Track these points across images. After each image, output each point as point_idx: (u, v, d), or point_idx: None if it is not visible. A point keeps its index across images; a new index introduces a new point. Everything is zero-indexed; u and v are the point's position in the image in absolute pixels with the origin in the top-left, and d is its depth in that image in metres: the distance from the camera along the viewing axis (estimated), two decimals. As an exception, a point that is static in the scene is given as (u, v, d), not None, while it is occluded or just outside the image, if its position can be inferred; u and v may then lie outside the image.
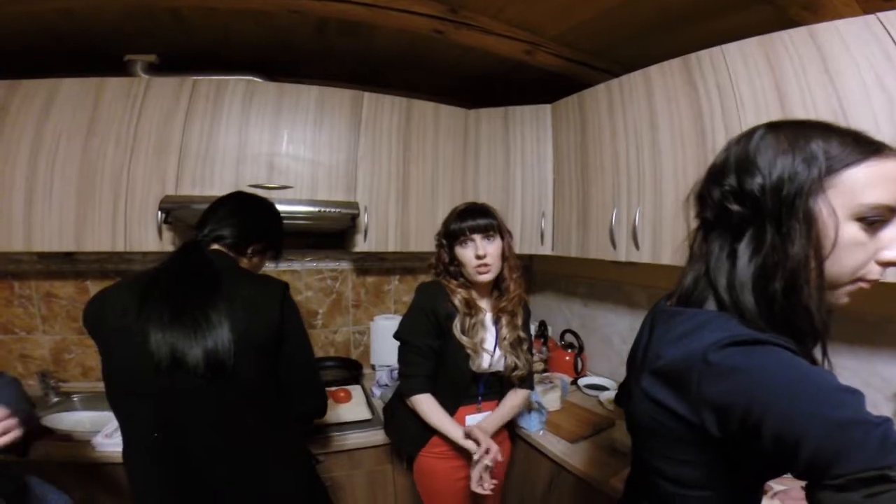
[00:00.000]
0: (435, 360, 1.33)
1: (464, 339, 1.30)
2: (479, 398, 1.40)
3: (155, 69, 1.81)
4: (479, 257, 1.29)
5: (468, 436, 1.27)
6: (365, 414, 1.73)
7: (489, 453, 1.22)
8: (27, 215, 1.60)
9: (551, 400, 1.79)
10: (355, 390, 1.95)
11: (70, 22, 1.62)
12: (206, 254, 1.10)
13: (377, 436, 1.61)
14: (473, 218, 1.31)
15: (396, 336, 1.38)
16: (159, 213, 1.62)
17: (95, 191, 1.63)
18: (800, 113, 1.09)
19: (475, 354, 1.31)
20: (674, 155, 1.41)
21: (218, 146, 1.71)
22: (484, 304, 1.39)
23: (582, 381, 2.04)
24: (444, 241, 1.38)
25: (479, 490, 1.19)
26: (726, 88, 1.25)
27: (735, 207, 0.60)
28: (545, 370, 2.14)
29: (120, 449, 1.19)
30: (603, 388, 1.97)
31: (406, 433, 1.40)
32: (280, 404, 1.09)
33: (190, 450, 1.00)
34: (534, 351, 2.06)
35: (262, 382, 1.04)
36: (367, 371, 2.21)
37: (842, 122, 0.98)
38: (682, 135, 1.38)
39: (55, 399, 1.85)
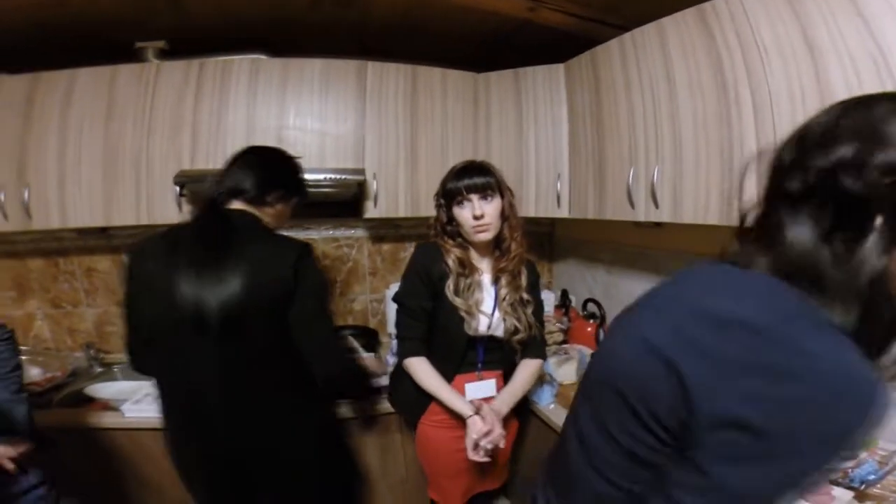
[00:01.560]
0: (429, 321, 1.30)
1: (457, 301, 1.26)
2: (479, 365, 1.36)
3: (165, 55, 1.85)
4: (476, 217, 1.24)
5: (478, 411, 1.22)
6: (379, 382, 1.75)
7: (489, 436, 1.18)
8: (61, 196, 1.71)
9: (566, 372, 1.74)
10: (371, 359, 1.97)
11: (74, 14, 1.66)
12: (222, 211, 1.12)
13: (387, 404, 1.63)
14: (470, 177, 1.25)
15: (394, 298, 1.37)
16: (176, 187, 1.68)
17: (118, 170, 1.73)
18: (833, 61, 0.98)
19: (469, 317, 1.27)
20: (693, 108, 1.30)
21: (228, 122, 1.76)
22: (483, 264, 1.34)
23: (604, 350, 1.96)
24: (441, 201, 1.33)
25: (475, 458, 1.18)
26: (747, 37, 1.14)
27: (853, 184, 0.47)
28: (565, 341, 2.08)
29: (147, 415, 1.45)
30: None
31: (406, 399, 1.39)
32: (295, 367, 1.10)
33: (208, 405, 1.06)
34: (549, 318, 2.01)
35: (273, 343, 1.07)
36: (384, 339, 2.23)
37: (883, 71, 0.91)
38: (700, 87, 1.27)
39: (99, 370, 1.99)
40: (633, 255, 2.01)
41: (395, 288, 2.11)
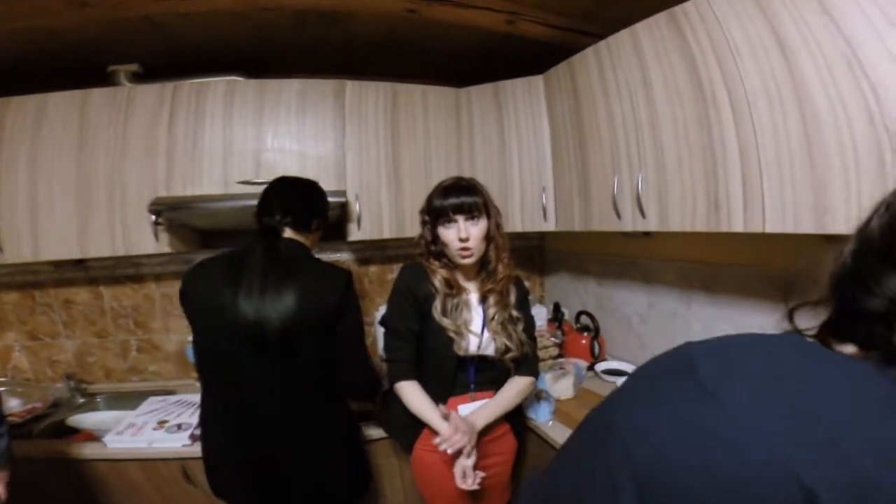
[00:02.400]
0: (417, 343, 1.27)
1: (445, 321, 1.22)
2: (472, 386, 1.31)
3: (139, 77, 1.83)
4: (461, 240, 1.21)
5: (446, 419, 1.18)
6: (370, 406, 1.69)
7: (453, 444, 1.11)
8: (33, 226, 1.66)
9: (563, 388, 1.69)
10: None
11: (54, 38, 1.65)
12: (282, 240, 1.26)
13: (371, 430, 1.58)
14: (458, 195, 1.23)
15: (381, 322, 1.33)
16: (151, 215, 1.63)
17: (92, 198, 1.68)
18: (806, 60, 0.96)
19: (458, 337, 1.23)
20: (672, 111, 1.28)
21: (204, 146, 1.72)
22: (469, 284, 1.31)
23: (599, 367, 1.91)
24: (426, 219, 1.30)
25: (463, 486, 1.11)
26: (718, 38, 1.13)
27: None
28: (560, 355, 2.03)
29: (130, 445, 1.48)
30: (623, 374, 1.85)
31: (399, 424, 1.34)
32: (331, 378, 1.26)
33: (257, 414, 1.19)
34: (543, 332, 1.96)
35: (321, 360, 1.22)
36: (375, 361, 2.16)
37: (856, 67, 0.88)
38: (677, 90, 1.25)
39: (81, 400, 1.93)
40: (624, 265, 1.98)
41: (384, 310, 2.09)
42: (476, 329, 1.26)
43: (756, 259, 1.46)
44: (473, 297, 1.30)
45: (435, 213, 1.25)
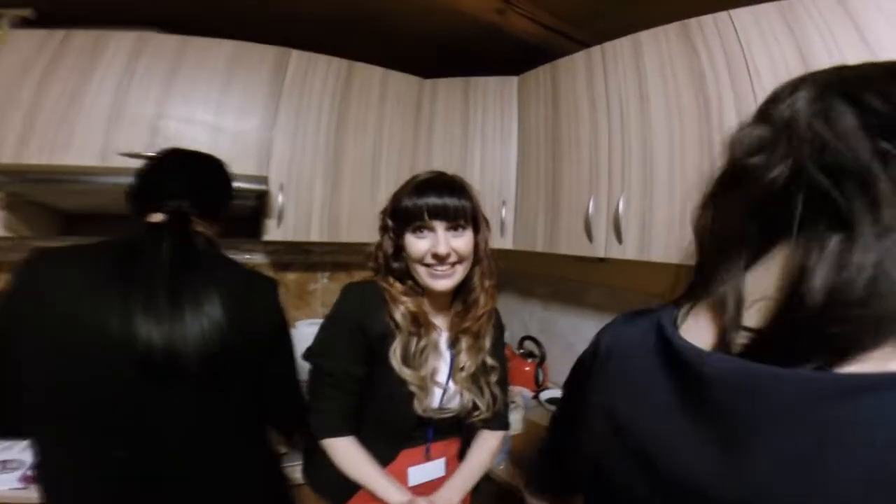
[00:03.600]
0: (357, 393, 0.94)
1: (405, 373, 0.91)
2: (428, 443, 1.02)
3: (30, 25, 1.37)
4: (437, 257, 0.90)
5: None
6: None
7: None
8: None
9: (513, 422, 1.50)
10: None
11: None
12: (190, 230, 0.90)
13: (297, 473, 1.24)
14: (439, 195, 0.90)
15: (306, 356, 0.98)
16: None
17: None
18: None
19: (421, 392, 0.93)
20: (669, 130, 1.17)
21: (83, 106, 1.30)
22: (439, 319, 1.01)
23: (543, 395, 1.78)
24: (389, 223, 0.97)
25: None
26: (736, 56, 1.04)
27: None
28: (501, 383, 1.86)
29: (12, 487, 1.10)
30: (568, 404, 1.71)
31: (328, 482, 1.02)
32: (259, 422, 0.97)
33: (151, 470, 0.82)
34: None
35: (247, 396, 0.91)
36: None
37: None
38: (679, 106, 1.15)
39: None
40: (573, 290, 1.88)
41: (303, 327, 1.74)
42: (441, 379, 0.98)
43: None
44: (443, 337, 1.00)
45: (403, 217, 0.92)
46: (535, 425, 1.56)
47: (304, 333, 1.71)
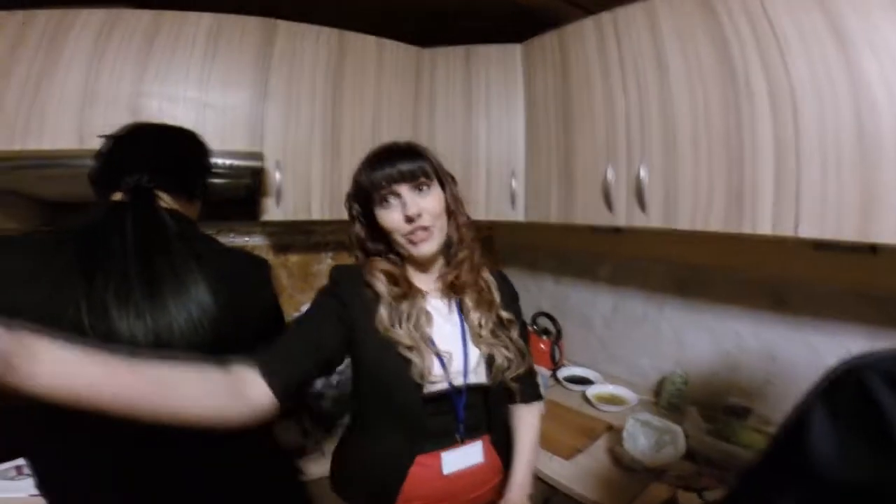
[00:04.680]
0: (313, 357, 0.83)
1: (395, 333, 0.85)
2: (461, 428, 0.92)
3: None
4: (409, 219, 0.85)
5: None
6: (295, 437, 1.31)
7: None
8: None
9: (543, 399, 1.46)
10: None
11: None
12: (161, 209, 0.81)
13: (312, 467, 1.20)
14: (393, 162, 0.86)
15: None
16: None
17: None
18: (867, 55, 0.85)
19: (417, 356, 0.85)
20: (690, 92, 1.10)
21: (51, 89, 1.20)
22: (426, 283, 0.95)
23: (561, 374, 1.73)
24: (355, 206, 0.93)
25: None
26: (761, 24, 0.99)
27: None
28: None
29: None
30: (587, 382, 1.67)
31: (348, 479, 0.96)
32: None
33: (160, 470, 0.75)
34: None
35: None
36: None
37: None
38: (701, 74, 1.08)
39: None
40: (586, 263, 1.82)
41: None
42: (454, 347, 0.91)
43: (739, 262, 1.38)
44: (436, 302, 0.94)
45: (366, 193, 0.88)
46: (558, 406, 1.52)
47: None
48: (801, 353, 1.24)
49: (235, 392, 0.67)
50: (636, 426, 1.24)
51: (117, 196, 0.79)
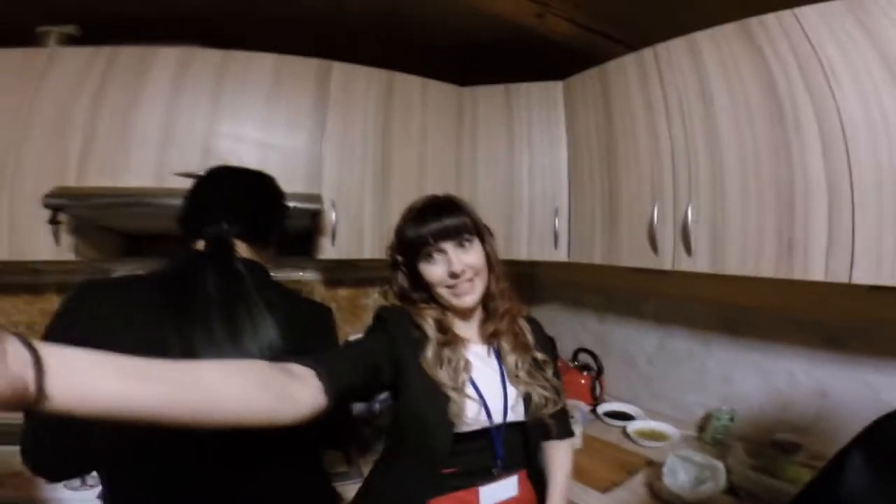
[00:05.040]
0: (362, 367, 0.85)
1: (440, 374, 0.89)
2: (498, 462, 0.96)
3: (75, 42, 1.42)
4: (454, 275, 0.90)
5: None
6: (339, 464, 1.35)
7: None
8: None
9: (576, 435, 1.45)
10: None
11: None
12: (238, 259, 0.88)
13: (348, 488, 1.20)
14: (438, 217, 0.91)
15: None
16: (48, 211, 1.20)
17: None
18: None
19: (457, 396, 0.89)
20: (738, 133, 1.10)
21: (136, 126, 1.33)
22: (468, 332, 0.99)
23: (601, 409, 1.71)
24: (399, 259, 0.97)
25: None
26: (807, 56, 0.99)
27: None
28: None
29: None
30: (628, 417, 1.65)
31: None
32: (310, 440, 0.95)
33: (219, 491, 0.81)
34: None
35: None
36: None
37: None
38: (748, 109, 1.08)
39: None
40: (631, 301, 1.81)
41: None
42: (493, 387, 0.95)
43: (787, 303, 1.35)
44: (477, 348, 0.99)
45: (411, 248, 0.93)
46: (595, 440, 1.50)
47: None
48: (856, 390, 1.19)
49: (289, 388, 0.67)
50: (676, 461, 1.22)
51: (200, 244, 0.86)
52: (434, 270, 0.92)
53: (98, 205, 1.24)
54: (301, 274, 1.82)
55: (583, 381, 1.78)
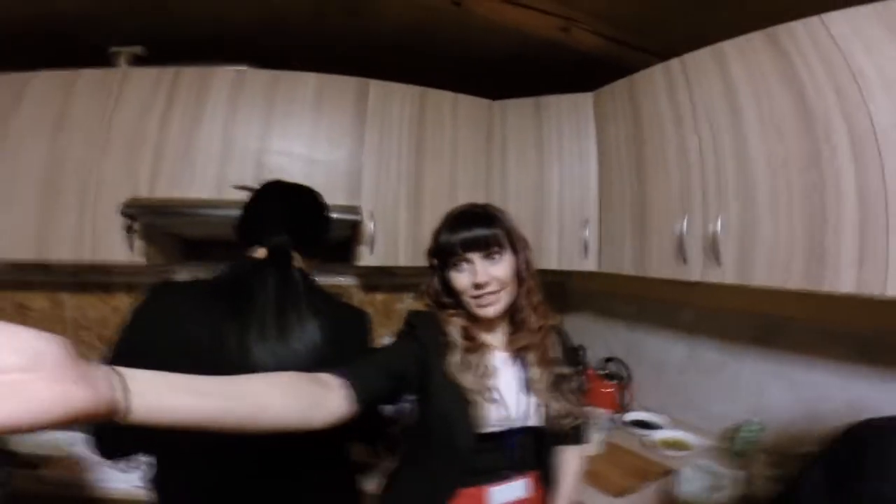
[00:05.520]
0: (388, 373, 0.90)
1: (467, 378, 0.92)
2: (509, 471, 1.00)
3: (141, 61, 1.59)
4: (477, 286, 0.92)
5: None
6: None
7: None
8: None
9: (592, 441, 1.44)
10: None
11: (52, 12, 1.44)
12: (291, 267, 0.97)
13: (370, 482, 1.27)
14: (469, 227, 0.93)
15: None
16: (124, 219, 1.38)
17: (60, 194, 1.42)
18: None
19: (482, 399, 0.93)
20: (766, 144, 1.09)
21: (200, 142, 1.48)
22: (493, 340, 1.02)
23: (627, 417, 1.71)
24: (435, 262, 1.00)
25: None
26: (837, 64, 0.97)
27: None
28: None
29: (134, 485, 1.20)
30: (654, 426, 1.64)
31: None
32: (341, 438, 1.02)
33: (252, 482, 0.91)
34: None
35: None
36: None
37: None
38: (775, 119, 1.07)
39: None
40: (662, 311, 1.79)
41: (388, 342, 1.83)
42: (514, 395, 0.98)
43: (820, 314, 1.32)
44: (501, 355, 1.01)
45: (443, 254, 0.96)
46: (617, 448, 1.50)
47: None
48: (891, 404, 1.14)
49: (320, 398, 0.74)
50: (693, 470, 1.23)
51: (260, 252, 0.96)
52: (461, 279, 0.94)
53: (167, 214, 1.39)
54: (341, 279, 1.93)
55: (611, 390, 1.79)
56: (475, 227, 0.94)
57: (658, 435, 1.54)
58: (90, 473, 1.29)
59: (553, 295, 2.20)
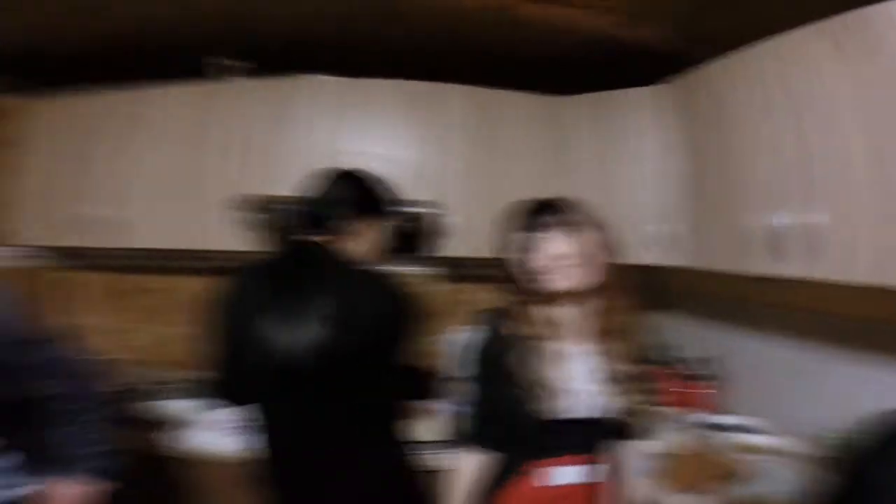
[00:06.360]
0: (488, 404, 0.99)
1: (532, 373, 0.93)
2: (569, 455, 0.99)
3: (232, 72, 1.84)
4: (554, 258, 0.92)
5: None
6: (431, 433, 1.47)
7: None
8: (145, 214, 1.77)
9: (668, 441, 1.43)
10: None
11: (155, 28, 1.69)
12: (292, 244, 1.17)
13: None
14: (552, 206, 0.97)
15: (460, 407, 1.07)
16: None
17: (178, 192, 1.77)
18: None
19: (548, 393, 0.93)
20: (864, 130, 0.97)
21: (287, 143, 1.73)
22: (565, 328, 1.00)
23: (713, 419, 1.63)
24: (512, 250, 1.01)
25: None
26: None
27: None
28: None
29: (215, 442, 1.42)
30: (740, 429, 1.55)
31: None
32: (379, 412, 1.13)
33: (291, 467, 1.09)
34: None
35: (368, 393, 1.08)
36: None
37: None
38: (870, 106, 0.96)
39: (155, 388, 1.79)
40: (758, 313, 1.66)
41: (453, 332, 1.89)
42: (582, 385, 0.96)
43: None
44: (573, 344, 0.99)
45: (523, 232, 0.98)
46: (701, 448, 1.41)
47: (455, 339, 1.86)
48: None
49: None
50: (781, 474, 1.20)
51: (315, 235, 1.10)
52: (536, 255, 0.94)
53: (263, 209, 1.61)
54: (410, 269, 2.01)
55: (701, 391, 1.74)
56: (557, 206, 0.97)
57: (746, 438, 1.47)
58: (189, 438, 1.48)
59: (649, 292, 2.12)
